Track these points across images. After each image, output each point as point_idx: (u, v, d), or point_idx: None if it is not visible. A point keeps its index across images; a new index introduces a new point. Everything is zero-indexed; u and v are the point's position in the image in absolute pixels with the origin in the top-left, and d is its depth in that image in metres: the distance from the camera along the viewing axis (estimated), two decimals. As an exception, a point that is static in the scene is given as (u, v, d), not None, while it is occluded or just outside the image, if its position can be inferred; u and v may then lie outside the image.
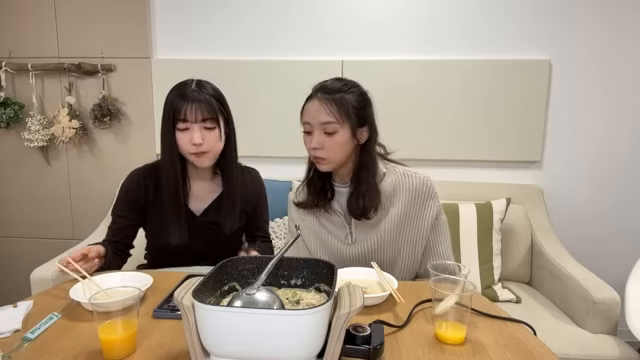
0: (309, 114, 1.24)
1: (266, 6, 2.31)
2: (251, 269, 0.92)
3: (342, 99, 1.22)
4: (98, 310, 0.84)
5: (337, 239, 1.33)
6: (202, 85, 1.34)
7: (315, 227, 1.36)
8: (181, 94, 1.31)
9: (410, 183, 1.30)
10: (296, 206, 1.39)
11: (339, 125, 1.21)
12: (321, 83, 1.28)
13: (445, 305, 0.92)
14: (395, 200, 1.30)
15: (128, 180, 1.43)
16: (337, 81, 1.27)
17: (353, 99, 1.24)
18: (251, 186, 1.53)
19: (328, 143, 1.22)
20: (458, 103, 2.26)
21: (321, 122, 1.21)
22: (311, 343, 0.71)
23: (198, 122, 1.30)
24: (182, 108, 1.29)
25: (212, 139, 1.32)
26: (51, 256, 1.92)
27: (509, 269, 2.13)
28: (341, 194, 1.33)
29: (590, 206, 2.31)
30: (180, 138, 1.31)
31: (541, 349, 0.89)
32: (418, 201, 1.30)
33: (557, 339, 1.63)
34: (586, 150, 2.28)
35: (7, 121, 2.36)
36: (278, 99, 2.34)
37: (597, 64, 2.21)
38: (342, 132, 1.22)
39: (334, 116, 1.21)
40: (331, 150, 1.23)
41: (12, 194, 2.54)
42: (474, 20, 2.23)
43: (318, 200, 1.34)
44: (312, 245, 1.37)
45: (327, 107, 1.21)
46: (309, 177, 1.36)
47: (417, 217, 1.31)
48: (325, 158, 1.24)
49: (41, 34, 2.38)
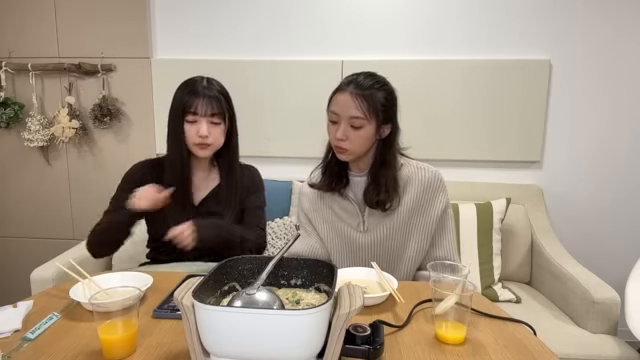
0: (338, 105, 1.27)
1: (266, 6, 2.31)
2: (251, 269, 0.92)
3: (372, 96, 1.25)
4: (98, 310, 0.84)
5: (350, 227, 1.37)
6: (211, 83, 1.42)
7: (328, 215, 1.40)
8: (192, 90, 1.38)
9: (423, 175, 1.36)
10: (310, 187, 1.42)
11: (366, 121, 1.25)
12: (353, 76, 1.30)
13: (445, 305, 0.92)
14: (408, 190, 1.35)
15: (131, 171, 1.50)
16: (369, 77, 1.29)
17: (382, 97, 1.27)
18: (248, 180, 1.56)
19: (353, 135, 1.26)
20: (458, 103, 2.26)
21: (350, 116, 1.25)
22: (311, 343, 0.71)
23: (207, 116, 1.37)
24: (193, 102, 1.36)
25: (217, 133, 1.40)
26: (51, 256, 1.92)
27: (509, 269, 2.13)
28: (356, 183, 1.37)
29: (590, 206, 2.31)
30: (187, 129, 1.38)
31: (541, 349, 0.89)
32: (429, 193, 1.35)
33: (557, 339, 1.63)
34: (586, 150, 2.28)
35: (7, 121, 2.36)
36: (278, 99, 2.34)
37: (597, 64, 2.21)
38: (368, 127, 1.26)
39: (363, 112, 1.24)
40: (354, 142, 1.27)
41: (12, 194, 2.54)
42: (474, 20, 2.23)
43: (334, 184, 1.37)
44: (324, 233, 1.41)
45: (357, 102, 1.24)
46: (327, 161, 1.39)
47: (427, 208, 1.35)
48: (347, 149, 1.28)
49: (41, 34, 2.38)
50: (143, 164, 1.51)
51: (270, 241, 2.10)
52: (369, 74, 1.31)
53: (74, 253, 1.98)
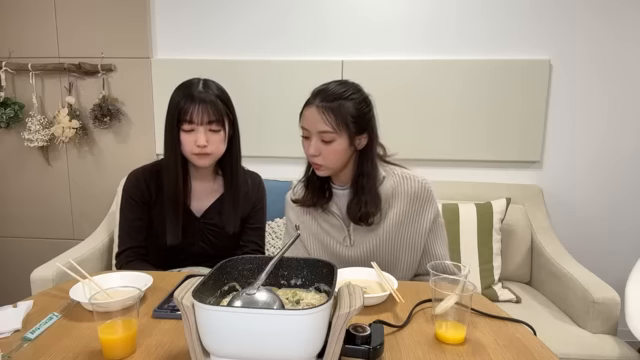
0: (307, 121, 1.23)
1: (266, 6, 2.31)
2: (251, 269, 0.92)
3: (340, 108, 1.20)
4: (98, 310, 0.84)
5: (336, 241, 1.33)
6: (208, 86, 1.33)
7: (314, 229, 1.36)
8: (187, 94, 1.29)
9: (409, 186, 1.30)
10: (293, 203, 1.38)
11: (336, 135, 1.20)
12: (321, 87, 1.25)
13: (445, 305, 0.92)
14: (394, 203, 1.30)
15: (128, 182, 1.42)
16: (338, 85, 1.24)
17: (352, 107, 1.21)
18: (252, 192, 1.50)
19: (325, 151, 1.22)
20: (458, 103, 2.26)
21: (319, 131, 1.20)
22: (311, 343, 0.71)
23: (204, 124, 1.29)
24: (188, 109, 1.28)
25: (216, 141, 1.32)
26: (51, 256, 1.92)
27: (509, 269, 2.13)
28: (339, 196, 1.33)
29: (590, 206, 2.31)
30: (184, 139, 1.31)
31: (541, 349, 0.89)
32: (416, 204, 1.30)
33: (557, 339, 1.63)
34: (586, 150, 2.28)
35: (7, 121, 2.35)
36: (278, 99, 2.34)
37: (597, 64, 2.21)
38: (339, 141, 1.21)
39: (331, 126, 1.19)
40: (328, 158, 1.23)
41: (12, 194, 2.54)
42: (474, 20, 2.23)
43: (316, 199, 1.33)
44: (311, 246, 1.37)
45: (324, 116, 1.19)
46: (308, 175, 1.35)
47: (415, 220, 1.30)
48: (322, 165, 1.24)
49: (41, 34, 2.38)
50: (140, 173, 1.42)
51: (270, 241, 2.10)
52: (339, 83, 1.25)
53: (74, 253, 1.98)
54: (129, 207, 1.40)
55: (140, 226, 1.41)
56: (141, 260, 1.40)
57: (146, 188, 1.40)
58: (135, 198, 1.39)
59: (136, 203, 1.39)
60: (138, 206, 1.40)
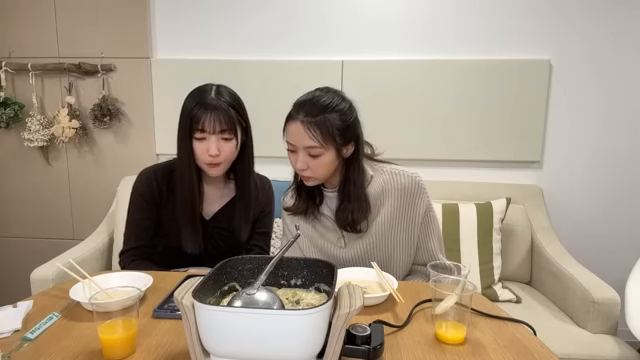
0: (292, 136, 1.21)
1: (266, 6, 2.31)
2: (251, 269, 0.92)
3: (325, 122, 1.18)
4: (98, 310, 0.84)
5: (330, 242, 1.34)
6: (221, 93, 1.31)
7: (309, 231, 1.36)
8: (200, 102, 1.27)
9: (399, 182, 1.29)
10: (285, 211, 1.39)
11: (324, 149, 1.19)
12: (303, 99, 1.23)
13: (445, 305, 0.92)
14: (385, 201, 1.30)
15: (139, 182, 1.40)
16: (320, 96, 1.21)
17: (337, 119, 1.19)
18: (262, 196, 1.50)
19: (313, 164, 1.21)
20: (458, 103, 2.26)
21: (305, 146, 1.19)
22: (311, 343, 0.71)
23: (216, 133, 1.27)
24: (201, 118, 1.26)
25: (228, 150, 1.31)
26: (51, 256, 1.92)
27: (509, 269, 2.13)
28: (331, 199, 1.33)
29: (590, 206, 2.31)
30: (197, 147, 1.29)
31: (541, 349, 0.89)
32: (408, 199, 1.29)
33: (557, 339, 1.63)
34: (586, 150, 2.28)
35: (7, 121, 2.35)
36: (278, 99, 2.33)
37: (596, 63, 2.21)
38: (327, 154, 1.20)
39: (317, 141, 1.18)
40: (317, 170, 1.22)
41: (12, 194, 2.54)
42: (474, 20, 2.23)
43: (307, 206, 1.34)
44: (306, 248, 1.37)
45: (310, 132, 1.17)
46: (297, 183, 1.35)
47: (408, 215, 1.30)
48: (311, 177, 1.24)
49: (41, 34, 2.38)
50: (151, 172, 1.41)
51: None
52: (321, 93, 1.23)
53: (74, 253, 1.98)
54: (138, 206, 1.40)
55: (148, 226, 1.40)
56: (145, 259, 1.40)
57: (157, 188, 1.39)
58: (146, 197, 1.39)
59: (146, 203, 1.39)
60: (148, 206, 1.39)
